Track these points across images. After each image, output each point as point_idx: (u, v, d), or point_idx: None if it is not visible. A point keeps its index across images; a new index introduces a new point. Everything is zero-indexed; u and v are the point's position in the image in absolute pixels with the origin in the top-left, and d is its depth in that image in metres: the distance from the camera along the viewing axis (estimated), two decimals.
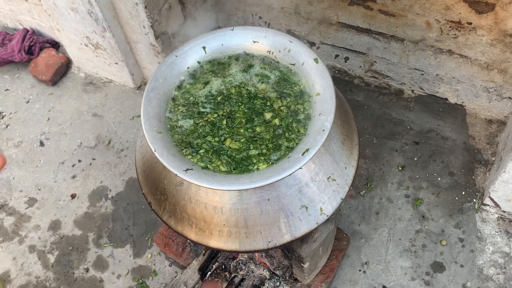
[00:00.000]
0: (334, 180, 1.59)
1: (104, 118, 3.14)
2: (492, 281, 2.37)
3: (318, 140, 1.44)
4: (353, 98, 3.05)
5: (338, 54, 3.09)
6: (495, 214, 2.55)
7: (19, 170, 2.97)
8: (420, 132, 2.87)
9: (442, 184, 2.67)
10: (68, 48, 3.19)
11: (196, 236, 1.59)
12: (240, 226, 1.54)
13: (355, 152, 1.69)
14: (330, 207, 1.59)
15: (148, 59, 2.99)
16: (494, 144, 2.77)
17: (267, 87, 1.68)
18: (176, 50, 1.72)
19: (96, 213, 2.76)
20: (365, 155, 2.81)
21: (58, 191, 2.87)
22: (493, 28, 2.41)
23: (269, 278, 2.26)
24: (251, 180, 1.41)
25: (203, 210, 1.55)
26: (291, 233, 1.56)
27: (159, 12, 2.66)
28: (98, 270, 2.58)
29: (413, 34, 2.68)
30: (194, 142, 1.57)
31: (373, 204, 2.64)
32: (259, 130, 1.59)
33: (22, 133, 3.14)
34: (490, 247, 2.47)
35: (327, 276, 2.31)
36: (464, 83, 2.79)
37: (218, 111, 1.65)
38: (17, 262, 2.65)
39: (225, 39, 1.75)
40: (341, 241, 2.41)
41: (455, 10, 2.43)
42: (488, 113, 2.86)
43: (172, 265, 2.56)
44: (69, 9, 2.71)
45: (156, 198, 1.66)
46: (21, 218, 2.79)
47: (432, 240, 2.51)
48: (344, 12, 2.77)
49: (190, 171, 1.43)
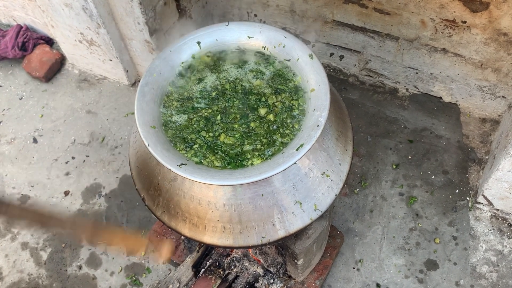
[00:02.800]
0: (328, 176, 1.59)
1: (98, 115, 3.13)
2: (485, 279, 2.38)
3: (312, 136, 1.44)
4: (348, 96, 3.05)
5: (333, 53, 3.09)
6: (488, 212, 2.56)
7: (12, 167, 2.95)
8: (414, 131, 2.88)
9: (436, 183, 2.68)
10: (62, 44, 3.18)
11: (190, 232, 1.58)
12: (234, 222, 1.54)
13: (350, 148, 1.69)
14: (324, 203, 1.58)
15: (142, 56, 2.98)
16: (488, 143, 2.79)
17: (261, 83, 1.68)
18: (170, 45, 1.71)
19: (90, 210, 2.75)
20: (359, 153, 2.81)
21: (52, 188, 2.85)
22: (487, 27, 2.42)
23: (263, 275, 2.26)
24: (245, 175, 1.41)
25: (197, 206, 1.55)
26: (285, 228, 1.56)
27: (154, 9, 2.65)
28: (91, 268, 2.57)
29: (408, 32, 2.68)
30: (188, 137, 1.57)
31: (367, 202, 2.65)
32: (253, 125, 1.58)
33: (15, 129, 3.12)
34: (483, 245, 2.48)
35: (321, 274, 2.31)
36: (458, 82, 2.80)
37: (213, 106, 1.64)
38: (10, 259, 2.63)
39: (220, 34, 1.74)
40: (335, 239, 2.41)
41: (449, 8, 2.44)
42: (482, 112, 2.87)
43: (165, 263, 2.55)
44: (63, 5, 2.69)
45: (149, 193, 1.65)
46: None
47: (426, 238, 2.51)
48: (339, 10, 2.78)
49: (184, 166, 1.42)
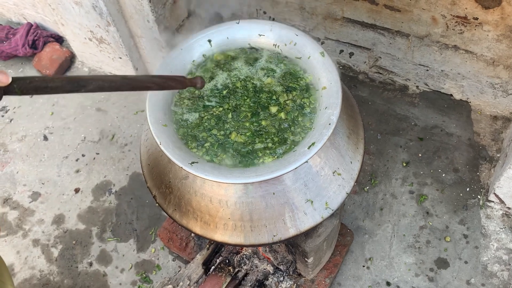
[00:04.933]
0: (339, 175, 1.58)
1: (108, 113, 3.14)
2: (497, 278, 2.37)
3: (324, 134, 1.44)
4: (358, 93, 3.04)
5: (342, 50, 3.08)
6: (500, 210, 2.54)
7: (23, 164, 2.98)
8: (425, 128, 2.86)
9: (447, 181, 2.66)
10: (72, 42, 3.19)
11: (201, 230, 1.59)
12: (245, 220, 1.54)
13: (361, 146, 1.68)
14: (335, 201, 1.58)
15: (152, 54, 2.98)
16: (499, 141, 2.76)
17: (272, 81, 1.68)
18: (181, 43, 1.71)
19: (100, 208, 2.76)
20: (369, 151, 2.80)
21: (62, 185, 2.87)
22: (500, 24, 2.39)
23: (273, 273, 2.26)
24: (256, 173, 1.41)
25: (208, 204, 1.55)
26: (296, 227, 1.55)
27: (163, 7, 2.65)
28: (101, 264, 2.58)
29: (419, 29, 2.66)
30: (199, 136, 1.57)
31: (377, 200, 2.64)
32: (264, 123, 1.58)
33: (26, 127, 3.14)
34: (494, 244, 2.46)
35: (330, 272, 2.30)
36: (469, 79, 2.77)
37: (224, 104, 1.64)
38: (21, 255, 2.65)
39: (231, 32, 1.74)
40: (345, 237, 2.41)
41: (461, 5, 2.41)
42: (494, 109, 2.85)
43: (175, 260, 2.56)
44: (73, 3, 2.70)
45: (161, 191, 1.66)
46: (25, 212, 2.79)
47: (436, 236, 2.50)
48: (349, 7, 2.76)
49: (196, 164, 1.42)
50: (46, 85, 1.10)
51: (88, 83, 1.18)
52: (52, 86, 1.11)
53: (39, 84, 1.09)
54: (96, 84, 1.19)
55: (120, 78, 1.29)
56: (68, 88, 1.16)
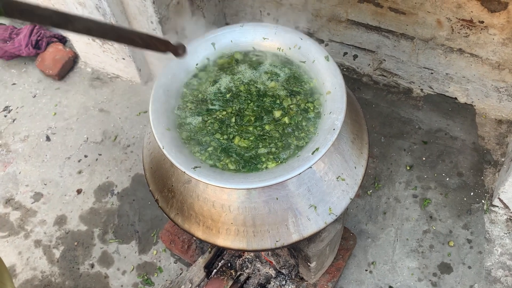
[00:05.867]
0: (343, 180, 1.57)
1: (110, 114, 3.14)
2: (500, 283, 2.35)
3: (328, 139, 1.42)
4: (361, 96, 3.02)
5: (346, 52, 3.07)
6: (504, 215, 2.52)
7: (25, 165, 2.97)
8: (429, 132, 2.84)
9: (451, 185, 2.65)
10: (75, 43, 3.19)
11: (204, 234, 1.58)
12: (248, 225, 1.53)
13: (365, 151, 1.67)
14: (339, 207, 1.57)
15: (155, 55, 2.95)
16: (504, 145, 2.74)
17: (276, 85, 1.66)
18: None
19: (102, 209, 2.76)
20: (373, 154, 2.79)
21: (64, 186, 2.87)
22: (506, 27, 2.38)
23: (275, 277, 2.25)
24: (259, 178, 1.39)
25: (210, 208, 1.54)
26: (299, 232, 1.54)
27: (167, 8, 2.64)
28: (103, 266, 2.58)
29: (424, 32, 2.65)
30: (202, 140, 1.56)
31: (381, 203, 2.62)
32: (268, 128, 1.57)
33: (28, 127, 3.14)
34: (498, 249, 2.44)
35: (333, 276, 2.29)
36: (474, 82, 2.75)
37: (227, 108, 1.63)
38: (23, 256, 2.65)
39: (235, 35, 1.73)
40: (347, 241, 2.39)
41: (467, 8, 2.40)
42: (498, 113, 2.83)
43: (177, 262, 2.55)
44: (77, 3, 2.69)
45: (163, 195, 1.65)
46: (27, 212, 2.79)
47: (440, 240, 2.49)
48: (353, 9, 2.74)
49: (198, 169, 1.41)
50: (32, 11, 1.06)
51: (76, 20, 1.13)
52: (38, 13, 1.07)
53: (25, 8, 1.06)
54: (84, 23, 1.15)
55: (109, 25, 1.27)
56: (55, 20, 1.11)
